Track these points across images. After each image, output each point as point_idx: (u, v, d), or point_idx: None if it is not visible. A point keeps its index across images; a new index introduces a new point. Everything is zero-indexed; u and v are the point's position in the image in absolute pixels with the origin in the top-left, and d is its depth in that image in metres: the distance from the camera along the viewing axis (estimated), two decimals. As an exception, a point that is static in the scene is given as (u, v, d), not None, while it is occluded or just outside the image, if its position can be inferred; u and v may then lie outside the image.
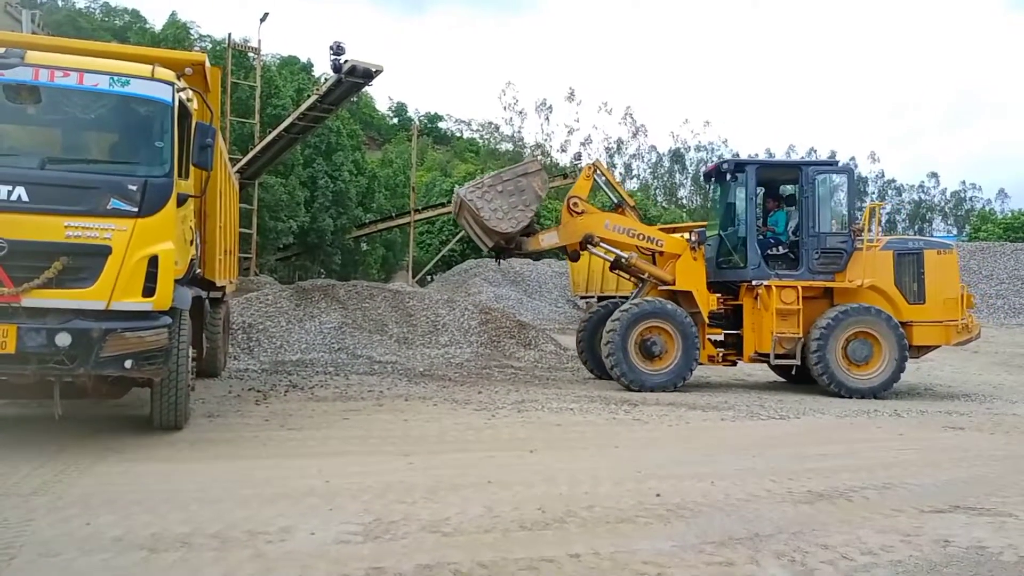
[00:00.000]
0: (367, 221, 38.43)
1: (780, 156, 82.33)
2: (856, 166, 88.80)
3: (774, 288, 11.12)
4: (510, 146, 70.66)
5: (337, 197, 34.63)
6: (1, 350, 5.64)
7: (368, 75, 19.61)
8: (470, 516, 4.81)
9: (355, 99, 27.48)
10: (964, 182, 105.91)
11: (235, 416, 8.02)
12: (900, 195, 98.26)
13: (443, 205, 38.86)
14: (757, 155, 78.57)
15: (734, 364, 12.16)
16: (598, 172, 12.13)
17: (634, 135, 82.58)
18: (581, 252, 12.14)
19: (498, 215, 10.84)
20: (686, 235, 12.32)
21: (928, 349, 12.00)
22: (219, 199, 8.95)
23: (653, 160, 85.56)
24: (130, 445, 6.45)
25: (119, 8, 73.63)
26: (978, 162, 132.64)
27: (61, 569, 3.76)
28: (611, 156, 75.68)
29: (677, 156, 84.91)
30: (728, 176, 11.89)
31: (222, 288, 9.92)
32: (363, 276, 38.98)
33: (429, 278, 42.10)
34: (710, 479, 5.86)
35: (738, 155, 75.49)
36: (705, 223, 14.82)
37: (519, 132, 74.21)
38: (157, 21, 65.46)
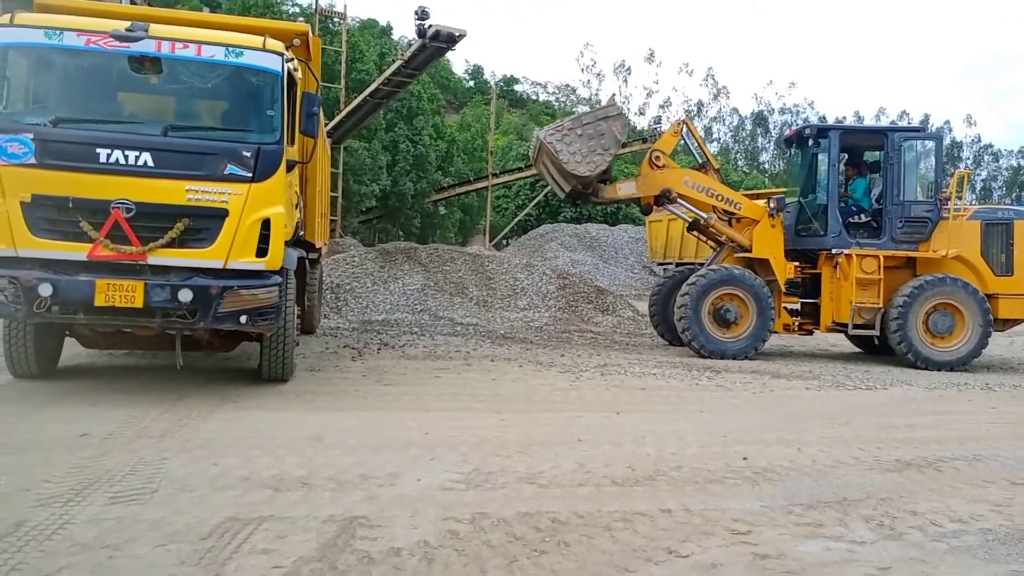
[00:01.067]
0: (446, 185, 38.89)
1: (870, 120, 79.27)
2: (950, 131, 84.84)
3: (855, 257, 10.95)
4: (587, 108, 70.06)
5: (417, 161, 35.12)
6: (129, 304, 6.12)
7: (452, 39, 19.73)
8: (563, 471, 5.06)
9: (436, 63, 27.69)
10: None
11: (335, 371, 8.47)
12: (997, 161, 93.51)
13: (520, 170, 38.99)
14: (845, 118, 75.76)
15: (810, 333, 12.05)
16: (686, 130, 12.07)
17: (715, 97, 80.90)
18: (655, 207, 12.05)
19: (576, 158, 10.85)
20: (766, 201, 12.18)
21: (1015, 323, 11.69)
22: (318, 164, 9.34)
23: (735, 123, 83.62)
24: (243, 395, 6.94)
25: (204, -28, 75.46)
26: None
27: (197, 503, 4.16)
28: (691, 119, 74.36)
29: (760, 119, 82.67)
30: (810, 141, 11.69)
31: (319, 249, 10.37)
32: (441, 239, 39.60)
33: (505, 242, 42.48)
34: (796, 445, 5.97)
35: (824, 118, 72.94)
36: (785, 190, 14.56)
37: (596, 95, 73.50)
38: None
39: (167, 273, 6.24)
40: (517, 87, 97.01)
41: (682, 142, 12.08)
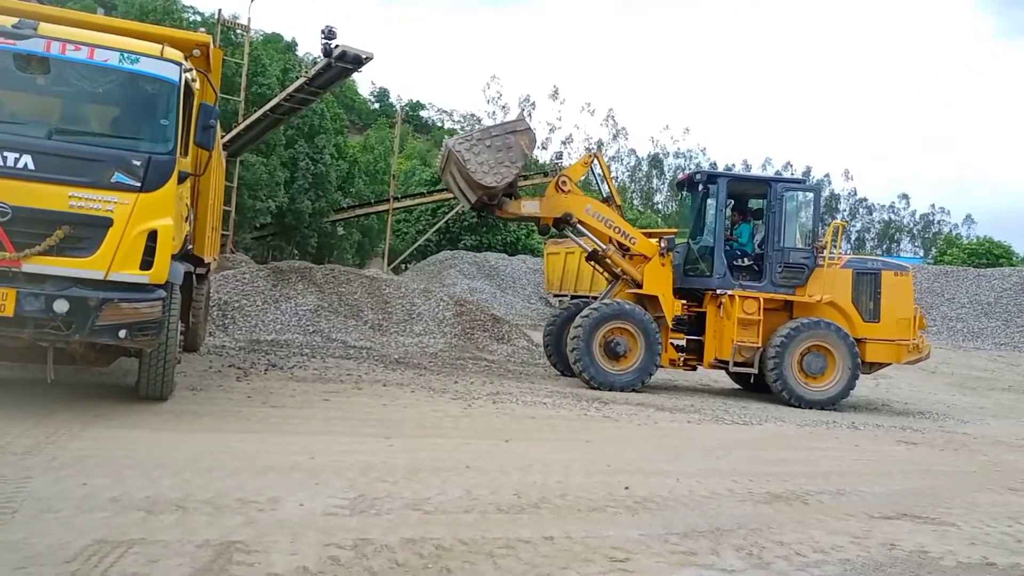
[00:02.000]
0: (345, 206, 38.41)
1: (757, 168, 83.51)
2: (830, 183, 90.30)
3: (737, 298, 11.54)
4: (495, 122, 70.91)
5: (317, 180, 34.54)
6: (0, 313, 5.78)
7: (358, 61, 19.65)
8: (450, 497, 5.07)
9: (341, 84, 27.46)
10: (934, 205, 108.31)
11: (218, 391, 8.19)
12: (871, 214, 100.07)
13: (422, 195, 38.97)
14: (734, 166, 79.63)
15: (694, 369, 12.57)
16: (596, 163, 12.51)
17: (615, 137, 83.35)
18: (551, 229, 12.49)
19: (484, 168, 10.97)
20: (658, 240, 12.69)
21: (880, 366, 12.52)
22: (211, 177, 9.09)
23: (632, 164, 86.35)
24: (118, 412, 6.62)
25: (103, -28, 72.40)
26: (949, 186, 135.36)
27: (62, 524, 3.94)
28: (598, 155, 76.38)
29: (656, 161, 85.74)
30: (700, 186, 12.30)
31: (208, 264, 10.06)
32: (338, 260, 38.98)
33: (404, 267, 42.19)
34: (675, 476, 6.18)
35: (715, 164, 76.47)
36: (676, 230, 15.25)
37: (501, 126, 74.43)
38: (142, -11, 64.50)
39: (43, 282, 5.92)
40: (423, 113, 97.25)
41: (590, 176, 12.47)
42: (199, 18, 37.35)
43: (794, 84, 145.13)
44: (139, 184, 6.13)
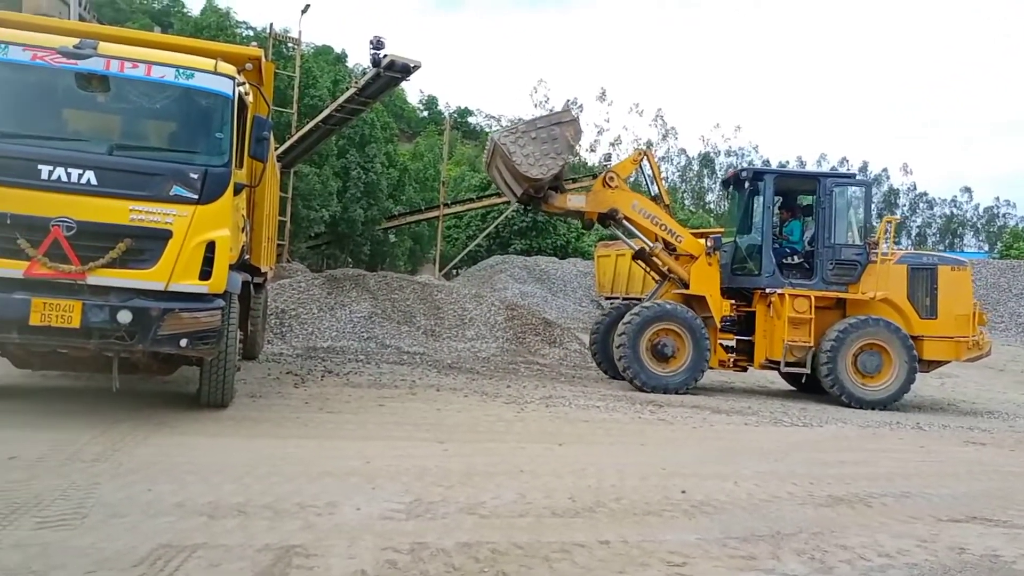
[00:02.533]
0: (397, 213, 38.86)
1: (811, 165, 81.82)
2: (888, 178, 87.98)
3: (787, 296, 11.30)
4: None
5: (368, 188, 35.03)
6: (65, 324, 5.98)
7: (406, 70, 19.90)
8: (504, 501, 5.07)
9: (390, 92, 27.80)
10: (998, 198, 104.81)
11: (276, 397, 8.35)
12: (932, 209, 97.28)
13: (471, 200, 39.19)
14: (788, 163, 78.17)
15: (744, 370, 12.34)
16: (645, 161, 12.38)
17: (664, 137, 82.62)
18: (595, 224, 12.34)
19: (529, 161, 10.89)
20: (705, 239, 12.49)
21: (938, 364, 12.14)
22: (266, 188, 9.28)
23: (682, 164, 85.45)
24: (180, 420, 6.80)
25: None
26: (1013, 179, 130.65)
27: (129, 529, 4.06)
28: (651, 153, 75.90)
29: (707, 160, 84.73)
30: (747, 184, 12.10)
31: (264, 274, 10.27)
32: (390, 267, 39.42)
33: (455, 272, 42.46)
34: (733, 479, 6.08)
35: (768, 162, 75.15)
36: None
37: (549, 130, 74.44)
38: (194, 6, 66.45)
39: (106, 293, 6.12)
40: (471, 119, 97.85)
41: (639, 176, 12.35)
42: (251, 33, 38.27)
43: (849, 77, 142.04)
44: (196, 196, 6.29)
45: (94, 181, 6.06)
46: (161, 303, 6.17)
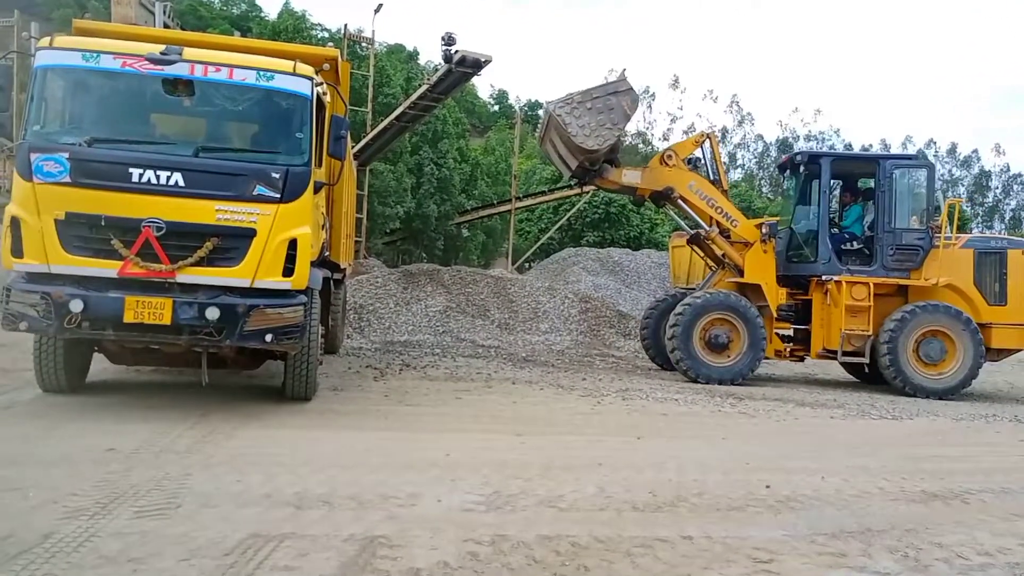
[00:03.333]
0: (469, 208, 39.08)
1: (896, 147, 78.77)
2: (979, 159, 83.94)
3: (844, 283, 10.94)
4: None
5: (441, 184, 35.32)
6: (157, 321, 6.22)
7: (477, 65, 19.92)
8: (584, 495, 5.04)
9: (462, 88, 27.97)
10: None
11: (357, 391, 8.52)
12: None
13: (543, 193, 39.07)
14: (871, 146, 75.44)
15: (802, 360, 11.99)
16: (708, 143, 12.08)
17: (740, 123, 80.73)
18: (646, 200, 12.19)
19: (585, 132, 10.69)
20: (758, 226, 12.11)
21: (1009, 352, 11.63)
22: (344, 186, 9.45)
23: (759, 150, 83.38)
24: (266, 412, 7.00)
25: (235, -4, 77.06)
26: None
27: (220, 519, 4.19)
28: (717, 140, 74.30)
29: (785, 146, 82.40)
30: (802, 168, 11.73)
31: (343, 270, 10.48)
32: (464, 262, 39.73)
33: (528, 265, 42.48)
34: (820, 474, 5.90)
35: (850, 146, 72.76)
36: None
37: (621, 120, 73.65)
38: (271, 10, 68.26)
39: (195, 291, 6.34)
40: (542, 112, 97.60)
41: (703, 153, 12.06)
42: (326, 34, 39.06)
43: (935, 56, 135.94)
44: (279, 195, 6.45)
45: (182, 183, 6.27)
46: (247, 300, 6.35)
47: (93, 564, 3.51)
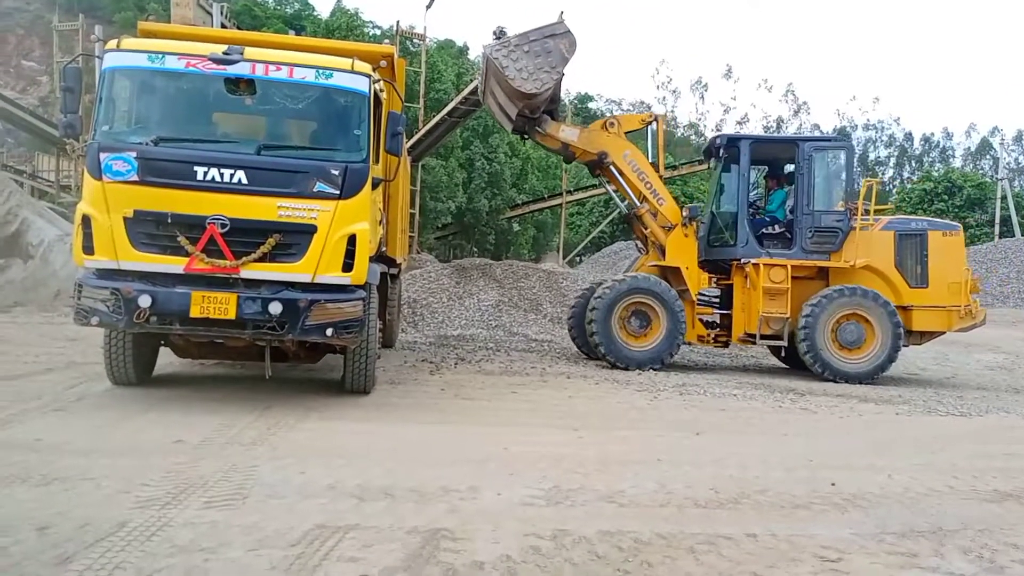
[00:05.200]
0: (520, 202, 39.11)
1: (959, 136, 76.24)
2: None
3: (762, 266, 10.76)
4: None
5: (492, 178, 35.39)
6: (222, 316, 6.37)
7: (529, 59, 19.91)
8: (644, 490, 5.00)
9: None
10: None
11: (413, 384, 8.60)
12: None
13: (594, 187, 38.87)
14: (932, 134, 73.27)
15: (726, 345, 11.80)
16: (655, 125, 11.96)
17: (795, 113, 79.12)
18: (575, 160, 12.12)
19: (523, 75, 10.48)
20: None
21: (932, 335, 11.39)
22: (399, 182, 9.54)
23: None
24: (327, 405, 7.12)
25: (288, -5, 78.19)
26: None
27: (286, 510, 4.28)
28: (740, 127, 72.61)
29: (843, 135, 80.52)
30: (722, 152, 11.59)
31: (399, 265, 10.58)
32: (515, 256, 39.78)
33: (579, 259, 42.35)
34: (887, 472, 5.75)
35: (910, 135, 70.79)
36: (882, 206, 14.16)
37: (672, 111, 72.79)
38: (323, 8, 69.13)
39: (258, 286, 6.46)
40: (591, 104, 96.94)
41: (648, 132, 11.95)
42: (378, 31, 39.42)
43: (1001, 40, 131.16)
44: (338, 192, 6.53)
45: (244, 180, 6.39)
46: (308, 294, 6.46)
47: (166, 553, 3.61)
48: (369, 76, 6.89)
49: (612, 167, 11.51)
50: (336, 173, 6.53)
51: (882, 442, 6.95)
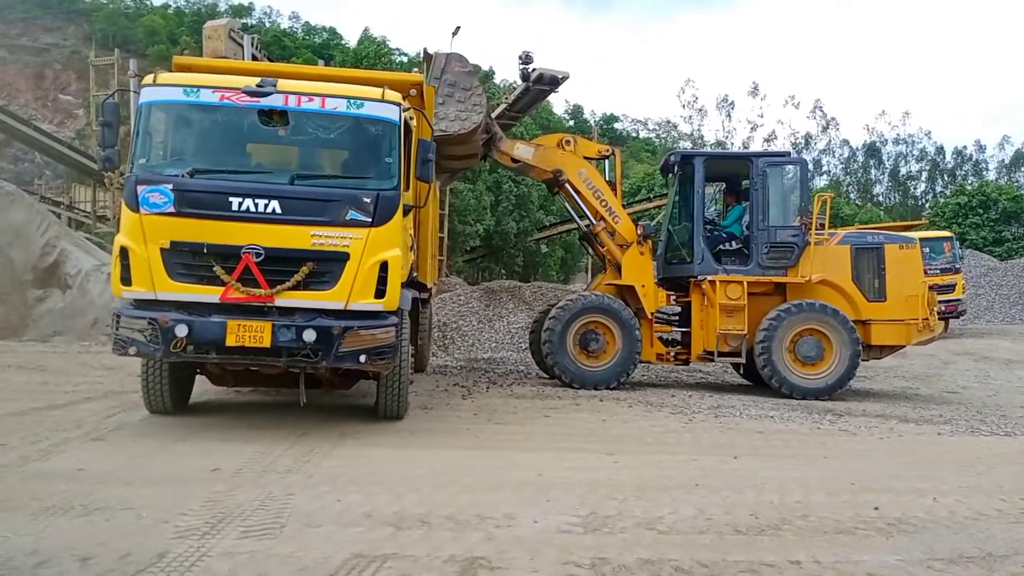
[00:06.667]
0: (548, 223, 39.16)
1: (992, 149, 75.15)
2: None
3: (719, 283, 10.68)
4: (688, 144, 69.03)
5: (520, 201, 35.46)
6: (258, 344, 6.42)
7: (555, 82, 19.89)
8: (683, 517, 4.93)
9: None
10: None
11: (446, 409, 8.60)
12: None
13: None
14: (964, 148, 72.23)
15: (686, 363, 11.66)
16: (613, 158, 11.87)
17: (824, 129, 78.30)
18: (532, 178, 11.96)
19: (452, 120, 10.43)
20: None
21: (891, 350, 11.26)
22: (429, 207, 9.60)
23: (845, 155, 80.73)
24: (361, 431, 7.13)
25: (318, 27, 79.65)
26: None
27: (324, 539, 4.27)
28: (799, 152, 72.01)
29: (872, 150, 79.55)
30: (676, 169, 11.52)
31: (429, 289, 10.62)
32: (543, 278, 39.75)
33: (608, 280, 42.03)
34: (931, 495, 5.62)
35: (942, 148, 69.80)
36: (905, 223, 14.01)
37: (698, 130, 72.59)
38: (351, 36, 70.20)
39: (292, 314, 6.51)
40: (617, 125, 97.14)
41: (604, 161, 11.85)
42: (405, 59, 39.92)
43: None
44: (370, 219, 6.58)
45: (278, 210, 6.47)
46: (342, 321, 6.50)
47: (206, 583, 3.62)
48: (399, 105, 6.97)
49: (567, 184, 11.48)
50: (368, 201, 6.59)
51: (925, 464, 6.80)
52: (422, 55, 11.12)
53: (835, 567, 4.12)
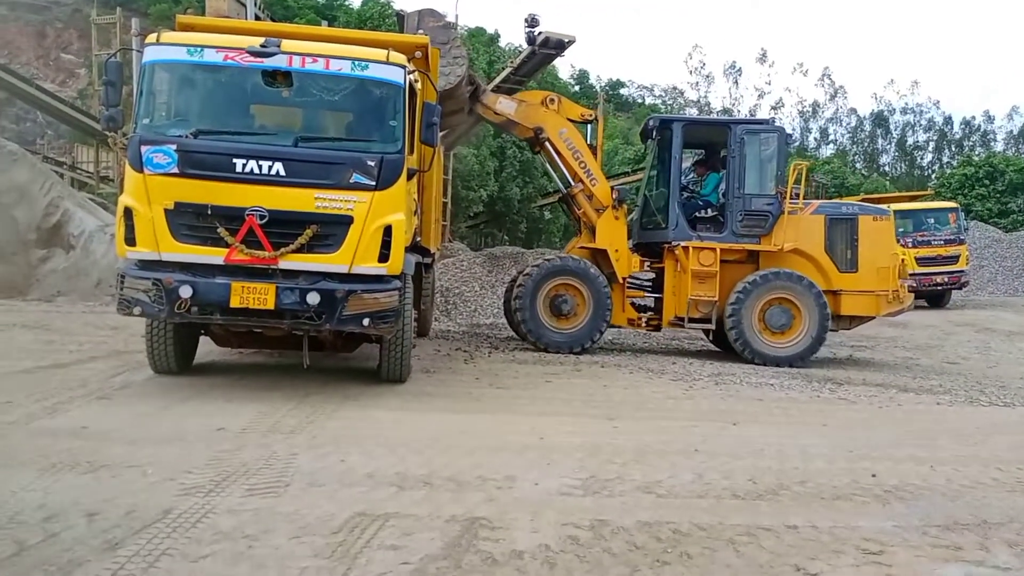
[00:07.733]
0: (551, 190, 39.01)
1: (1000, 119, 74.40)
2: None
3: (692, 249, 10.70)
4: (695, 111, 68.40)
5: (524, 167, 35.24)
6: (261, 306, 6.45)
7: (560, 46, 19.68)
8: (681, 481, 4.99)
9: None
10: None
11: (449, 373, 8.66)
12: None
13: (626, 174, 38.62)
14: (973, 118, 71.49)
15: (658, 329, 11.65)
16: (595, 123, 11.79)
17: (832, 98, 77.42)
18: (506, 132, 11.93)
19: (441, 79, 10.12)
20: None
21: (861, 320, 11.31)
22: (433, 172, 9.56)
23: (852, 124, 79.96)
24: (364, 394, 7.19)
25: (320, -15, 78.54)
26: None
27: (327, 498, 4.34)
28: (805, 120, 71.31)
29: (880, 120, 78.77)
30: (655, 134, 11.48)
31: (433, 254, 10.62)
32: (546, 244, 39.67)
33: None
34: (929, 463, 5.67)
35: (950, 118, 69.13)
36: (911, 193, 13.95)
37: (705, 96, 71.79)
38: (355, -2, 69.17)
39: (296, 277, 6.53)
40: (623, 91, 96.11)
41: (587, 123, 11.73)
42: (410, 20, 39.32)
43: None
44: (374, 183, 6.56)
45: (282, 172, 6.45)
46: (345, 285, 6.51)
47: (211, 540, 3.68)
48: (404, 67, 6.91)
49: (548, 143, 11.34)
50: (372, 164, 6.57)
51: (923, 433, 6.86)
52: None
53: (831, 532, 4.17)
